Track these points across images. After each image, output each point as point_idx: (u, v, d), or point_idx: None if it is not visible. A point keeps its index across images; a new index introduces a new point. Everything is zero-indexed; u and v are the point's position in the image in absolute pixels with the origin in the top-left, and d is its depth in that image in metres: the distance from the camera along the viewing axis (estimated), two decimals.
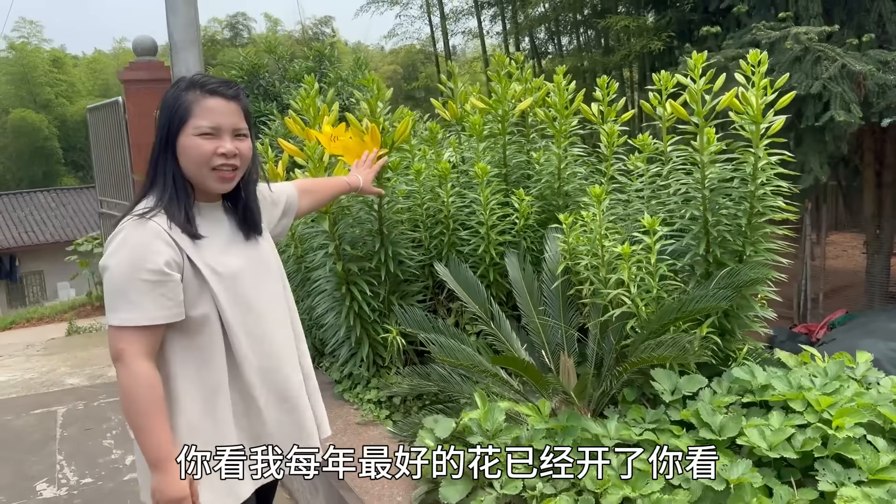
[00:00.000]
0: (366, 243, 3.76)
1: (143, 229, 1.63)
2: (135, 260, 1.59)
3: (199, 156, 1.70)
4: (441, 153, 4.16)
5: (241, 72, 6.24)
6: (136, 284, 1.58)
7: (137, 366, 1.59)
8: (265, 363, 1.79)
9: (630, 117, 4.05)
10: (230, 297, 1.72)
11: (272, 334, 1.83)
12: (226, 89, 1.74)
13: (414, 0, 18.31)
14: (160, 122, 1.72)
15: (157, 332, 1.64)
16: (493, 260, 3.81)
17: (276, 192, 2.11)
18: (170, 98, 1.73)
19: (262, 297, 1.82)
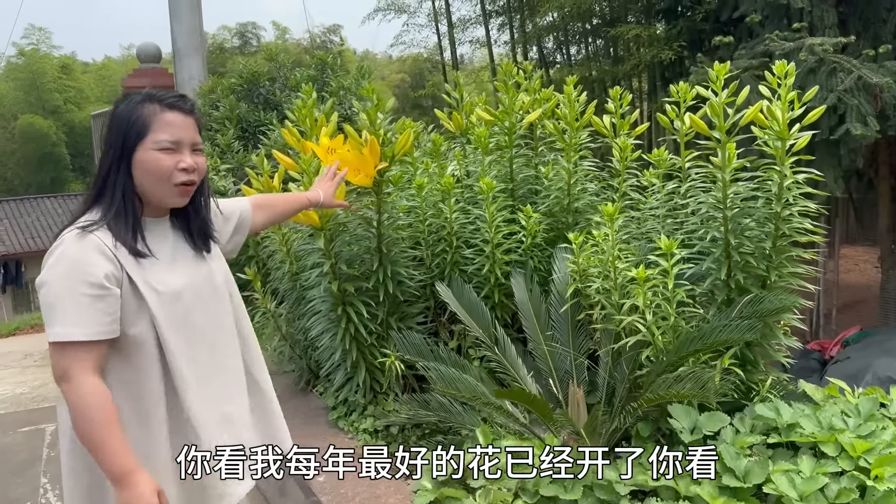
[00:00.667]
0: (364, 262, 3.56)
1: (82, 243, 1.58)
2: (74, 273, 1.54)
3: (159, 170, 1.66)
4: (445, 166, 3.96)
5: (241, 80, 6.07)
6: (77, 298, 1.53)
7: (86, 382, 1.54)
8: (206, 387, 1.71)
9: (644, 130, 3.84)
10: (169, 317, 1.65)
11: (215, 357, 1.75)
12: (183, 103, 1.72)
13: (421, 8, 18.25)
14: (112, 135, 1.67)
15: (101, 348, 1.58)
16: (498, 280, 3.60)
17: (228, 209, 2.04)
18: (124, 112, 1.68)
19: (206, 317, 1.74)
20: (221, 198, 2.09)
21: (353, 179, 3.30)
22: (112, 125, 1.67)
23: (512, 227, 3.64)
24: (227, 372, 1.77)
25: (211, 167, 4.95)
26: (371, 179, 3.34)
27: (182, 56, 10.66)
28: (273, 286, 4.46)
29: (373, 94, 3.36)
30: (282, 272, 4.13)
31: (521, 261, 3.66)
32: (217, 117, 5.86)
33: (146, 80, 11.55)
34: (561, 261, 3.57)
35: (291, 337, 4.05)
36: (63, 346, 1.53)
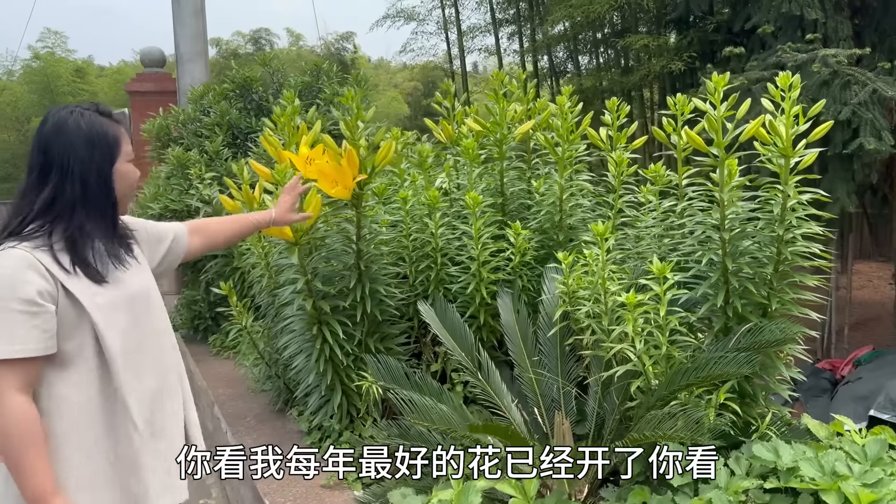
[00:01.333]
0: (342, 278, 3.37)
1: (12, 259, 1.57)
2: (4, 290, 1.53)
3: (133, 180, 1.80)
4: (432, 179, 3.77)
5: (233, 85, 5.90)
6: (6, 315, 1.53)
7: (11, 400, 1.52)
8: (146, 397, 1.73)
9: (643, 143, 3.63)
10: (111, 326, 1.66)
11: (158, 367, 1.79)
12: (122, 118, 1.87)
13: (430, 15, 18.12)
14: (84, 148, 1.68)
15: (31, 366, 1.56)
16: (484, 300, 3.40)
17: (162, 230, 2.03)
18: (96, 125, 1.72)
19: (145, 328, 1.77)
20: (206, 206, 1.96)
21: (329, 191, 3.12)
22: (80, 139, 1.68)
23: (500, 243, 3.44)
24: (166, 381, 1.80)
25: (196, 175, 4.78)
26: (350, 192, 3.16)
27: (185, 61, 10.54)
28: (254, 300, 4.28)
29: (352, 101, 3.18)
30: (260, 286, 3.94)
31: (510, 280, 3.46)
32: (207, 123, 5.70)
33: (150, 84, 11.48)
34: (551, 281, 3.36)
35: (268, 355, 3.87)
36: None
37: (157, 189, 5.38)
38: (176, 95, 10.27)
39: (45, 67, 30.86)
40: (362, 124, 3.25)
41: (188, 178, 5.12)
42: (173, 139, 6.02)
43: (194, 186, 4.78)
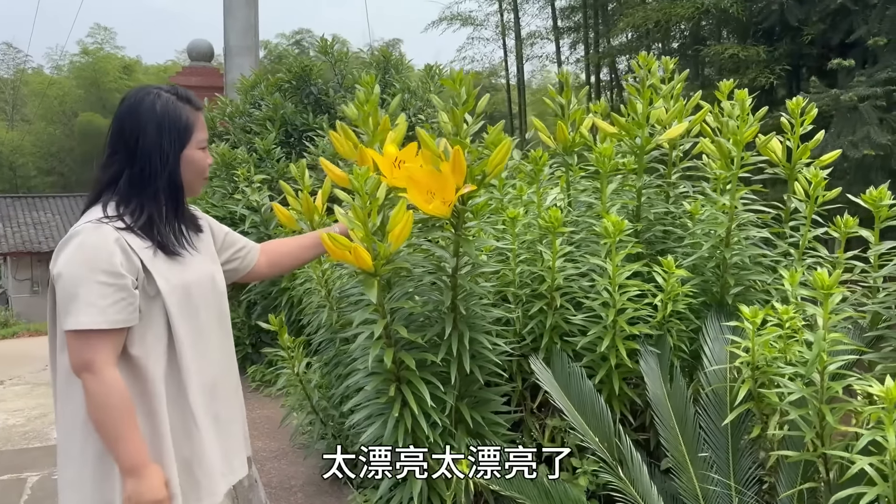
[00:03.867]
0: (431, 323, 2.52)
1: (99, 232, 1.62)
2: (92, 262, 1.58)
3: (202, 168, 1.81)
4: (543, 192, 2.91)
5: (290, 75, 5.12)
6: (95, 287, 1.57)
7: (109, 374, 1.58)
8: (208, 380, 1.76)
9: (833, 160, 2.72)
10: (182, 310, 1.70)
11: (216, 351, 1.80)
12: (201, 104, 1.84)
13: (489, 20, 17.31)
14: (155, 132, 1.71)
15: (121, 337, 1.61)
16: (620, 361, 2.51)
17: (234, 236, 2.05)
18: (170, 109, 1.75)
19: (210, 313, 1.79)
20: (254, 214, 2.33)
21: (425, 206, 2.30)
22: (152, 122, 1.71)
23: (640, 284, 2.55)
24: (226, 368, 1.85)
25: (243, 176, 3.99)
26: (450, 207, 2.32)
27: (234, 55, 9.88)
28: (306, 331, 3.47)
29: (460, 85, 2.34)
30: (319, 320, 3.12)
31: (654, 335, 2.57)
32: (257, 117, 4.91)
33: (196, 79, 10.83)
34: (717, 341, 2.47)
35: (324, 409, 3.02)
36: (86, 335, 1.56)
37: None
38: (223, 91, 9.60)
39: (93, 63, 30.96)
40: (470, 118, 2.41)
41: (234, 179, 4.33)
42: (218, 134, 5.26)
43: (241, 190, 3.99)
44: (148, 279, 1.64)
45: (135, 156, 1.70)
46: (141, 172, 1.70)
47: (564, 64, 16.72)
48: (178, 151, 1.74)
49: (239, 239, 2.07)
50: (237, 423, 1.89)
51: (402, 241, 2.34)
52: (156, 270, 1.66)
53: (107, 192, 1.70)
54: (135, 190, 1.70)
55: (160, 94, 1.74)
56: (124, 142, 1.70)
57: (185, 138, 1.75)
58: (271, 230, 4.04)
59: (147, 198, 1.70)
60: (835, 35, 9.74)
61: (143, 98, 1.73)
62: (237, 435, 1.87)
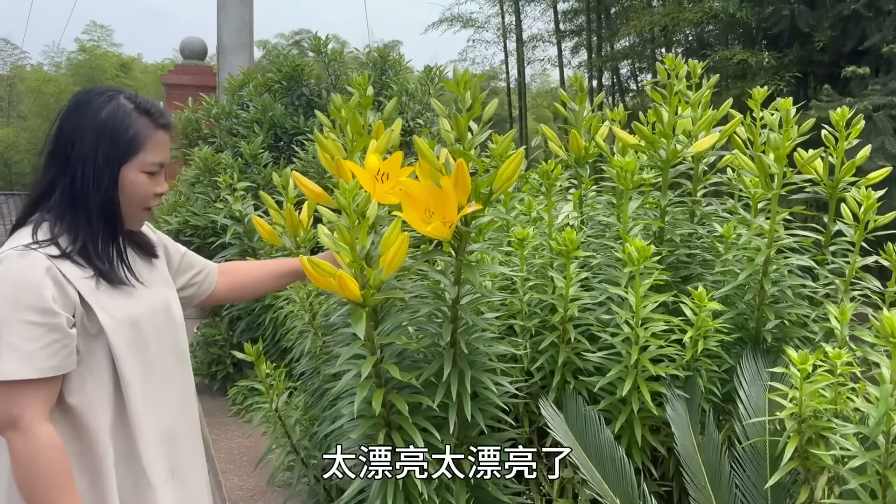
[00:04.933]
0: (426, 360, 2.21)
1: (27, 261, 1.37)
2: (16, 297, 1.33)
3: (141, 195, 1.52)
4: (551, 208, 2.59)
5: (280, 75, 4.80)
6: (21, 328, 1.32)
7: (39, 430, 1.34)
8: (163, 429, 1.51)
9: (882, 177, 2.42)
10: (130, 349, 1.45)
11: (172, 394, 1.56)
12: (168, 119, 1.57)
13: (490, 22, 16.95)
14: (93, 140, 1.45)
15: (54, 386, 1.37)
16: (643, 406, 2.20)
17: (192, 257, 1.82)
18: (118, 117, 1.48)
19: (165, 349, 1.55)
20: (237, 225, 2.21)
21: (421, 228, 2.00)
22: (92, 127, 1.46)
23: (667, 317, 2.24)
24: (183, 410, 1.60)
25: (225, 183, 3.67)
26: (451, 229, 2.01)
27: (227, 53, 9.54)
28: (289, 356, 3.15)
29: (464, 88, 2.03)
30: (300, 348, 2.80)
31: (682, 375, 2.26)
32: (244, 119, 4.59)
33: (188, 77, 10.49)
34: (753, 385, 2.17)
35: (305, 449, 2.70)
36: (10, 386, 1.32)
37: (178, 197, 4.30)
38: (216, 90, 9.28)
39: (90, 60, 30.60)
40: (475, 126, 2.10)
41: (216, 186, 4.01)
42: (203, 137, 4.94)
43: (223, 198, 3.66)
44: (88, 315, 1.41)
45: (65, 166, 1.46)
46: (72, 186, 1.46)
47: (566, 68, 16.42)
48: (114, 169, 1.47)
49: (196, 261, 1.85)
50: (199, 473, 1.67)
51: (396, 267, 2.02)
52: (97, 304, 1.42)
53: (41, 206, 1.47)
54: (68, 207, 1.46)
55: (113, 99, 1.49)
56: (62, 146, 1.47)
57: (126, 154, 1.48)
58: (255, 242, 3.72)
59: (80, 219, 1.45)
60: (847, 42, 9.46)
61: (92, 99, 1.49)
62: (200, 487, 1.66)
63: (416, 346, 2.14)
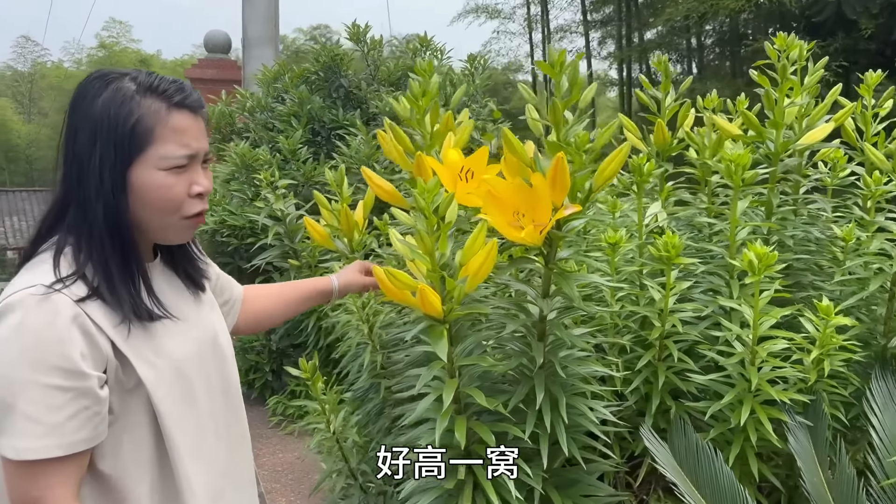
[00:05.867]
0: (506, 382, 1.95)
1: (48, 308, 1.07)
2: (36, 356, 1.05)
3: (168, 201, 1.18)
4: (641, 209, 2.31)
5: (318, 65, 4.54)
6: (42, 395, 1.05)
7: None
8: (214, 487, 1.24)
9: None
10: (175, 401, 1.18)
11: (222, 444, 1.29)
12: (193, 97, 1.20)
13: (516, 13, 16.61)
14: (85, 137, 1.14)
15: (82, 461, 1.11)
16: (759, 436, 1.92)
17: (224, 280, 1.54)
18: (114, 104, 1.15)
19: (215, 391, 1.28)
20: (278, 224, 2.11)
21: (512, 234, 1.75)
22: (87, 124, 1.15)
23: (789, 334, 1.96)
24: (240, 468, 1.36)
25: (266, 181, 3.43)
26: (543, 234, 1.75)
27: (253, 46, 9.34)
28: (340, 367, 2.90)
29: (561, 71, 1.77)
30: (358, 362, 2.55)
31: (803, 401, 1.97)
32: (281, 113, 4.34)
33: (212, 71, 10.30)
34: (887, 411, 1.88)
35: (364, 475, 2.45)
36: (30, 466, 1.06)
37: (213, 196, 4.07)
38: (241, 84, 9.08)
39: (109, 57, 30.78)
40: (571, 115, 1.83)
41: (254, 183, 3.77)
42: (237, 131, 4.70)
43: (262, 196, 3.42)
44: (123, 367, 1.14)
45: (69, 172, 1.18)
46: (84, 201, 1.16)
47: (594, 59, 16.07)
48: (118, 173, 1.14)
49: (227, 285, 1.57)
50: None
51: (482, 278, 1.77)
52: (134, 352, 1.15)
53: (57, 228, 1.17)
54: (84, 228, 1.16)
55: (110, 82, 1.17)
56: (69, 152, 1.17)
57: (131, 152, 1.15)
58: (296, 243, 3.48)
59: (95, 243, 1.15)
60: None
61: (89, 87, 1.17)
62: None
63: (503, 368, 1.88)
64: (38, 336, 1.07)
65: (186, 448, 1.20)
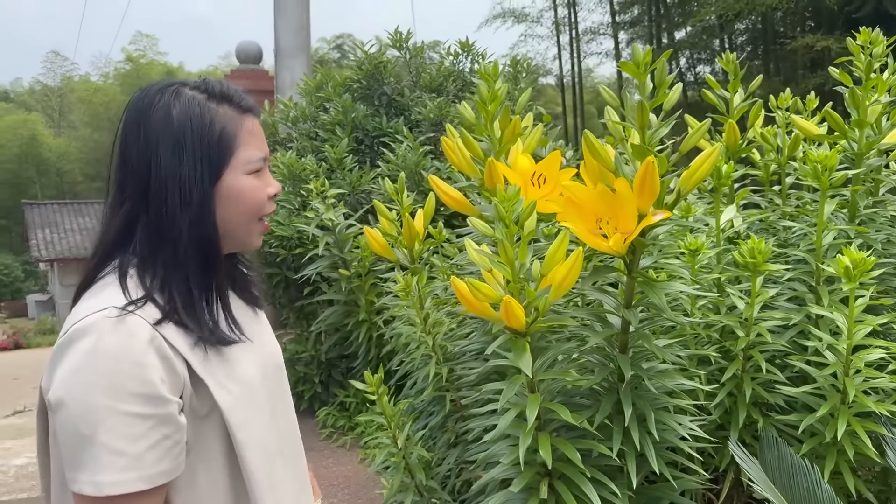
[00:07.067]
0: (592, 398, 1.88)
1: (124, 332, 1.01)
2: (114, 383, 0.98)
3: (254, 202, 1.17)
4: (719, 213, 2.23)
5: (360, 73, 4.50)
6: (122, 424, 0.98)
7: None
8: None
9: None
10: (250, 427, 1.11)
11: (290, 468, 1.23)
12: (252, 101, 1.19)
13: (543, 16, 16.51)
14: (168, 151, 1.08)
15: (161, 496, 1.03)
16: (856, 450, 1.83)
17: None
18: (194, 115, 1.11)
19: (279, 416, 1.22)
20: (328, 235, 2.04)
21: (597, 243, 1.69)
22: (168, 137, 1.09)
23: (882, 342, 1.86)
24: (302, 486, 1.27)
25: (316, 190, 3.39)
26: (627, 241, 1.68)
27: (285, 56, 9.34)
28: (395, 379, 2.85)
29: (645, 71, 1.70)
30: (422, 374, 2.49)
31: None
32: (325, 122, 4.31)
33: (245, 81, 10.31)
34: None
35: (431, 492, 2.39)
36: (108, 502, 0.97)
37: None
38: (273, 95, 9.11)
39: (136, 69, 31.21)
40: (655, 118, 1.76)
41: (301, 193, 3.74)
42: (280, 142, 4.68)
43: (312, 207, 3.38)
44: (197, 391, 1.07)
45: (144, 192, 1.09)
46: (158, 221, 1.09)
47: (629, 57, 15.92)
48: (209, 183, 1.11)
49: None
50: None
51: (567, 288, 1.71)
52: (210, 376, 1.08)
53: (120, 250, 1.10)
54: (158, 249, 1.11)
55: (180, 92, 1.12)
56: (132, 172, 1.10)
57: (221, 160, 1.12)
58: (345, 252, 3.43)
59: (171, 263, 1.10)
60: None
61: (153, 99, 1.12)
62: None
63: (588, 383, 1.80)
64: (114, 360, 1.00)
65: (264, 477, 1.15)
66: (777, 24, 11.71)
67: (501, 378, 2.09)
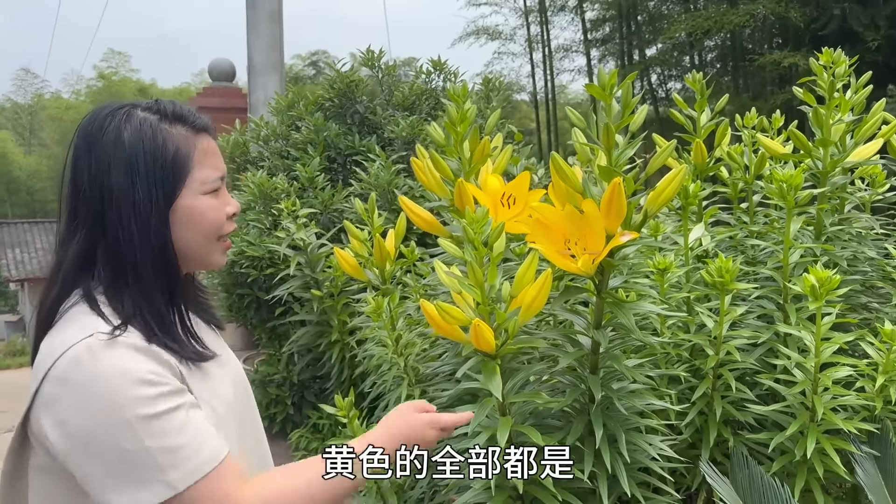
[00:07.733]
0: (562, 419, 1.87)
1: (118, 350, 1.01)
2: (133, 393, 0.98)
3: (214, 222, 1.18)
4: (687, 232, 2.24)
5: (333, 91, 4.48)
6: (161, 422, 0.99)
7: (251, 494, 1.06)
8: None
9: None
10: (231, 442, 1.12)
11: None
12: (207, 120, 1.21)
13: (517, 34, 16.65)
14: (121, 175, 1.08)
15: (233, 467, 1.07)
16: (825, 469, 1.83)
17: None
18: (146, 137, 1.11)
19: (247, 434, 1.25)
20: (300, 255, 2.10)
21: (565, 264, 1.69)
22: (120, 161, 1.09)
23: (849, 359, 1.88)
24: None
25: (287, 210, 3.37)
26: (595, 262, 1.68)
27: (258, 73, 9.31)
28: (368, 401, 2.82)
29: (611, 94, 1.71)
30: (394, 396, 2.46)
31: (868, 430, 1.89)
32: (297, 141, 4.29)
33: (218, 99, 10.28)
34: None
35: None
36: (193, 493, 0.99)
37: None
38: (246, 112, 9.05)
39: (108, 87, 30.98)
40: (621, 139, 1.77)
41: (272, 213, 3.71)
42: (251, 160, 4.65)
43: (282, 226, 3.36)
44: None
45: (104, 218, 1.09)
46: (115, 248, 1.09)
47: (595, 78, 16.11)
48: (164, 204, 1.11)
49: None
50: None
51: (536, 310, 1.70)
52: (198, 394, 1.11)
53: (81, 278, 1.10)
54: (120, 275, 1.10)
55: (131, 115, 1.12)
56: (84, 197, 1.10)
57: (175, 181, 1.12)
58: (317, 272, 3.41)
59: (134, 288, 1.10)
60: None
61: (104, 123, 1.11)
62: None
63: (559, 405, 1.80)
64: (122, 374, 1.00)
65: None
66: (746, 41, 11.93)
67: (474, 400, 2.08)
